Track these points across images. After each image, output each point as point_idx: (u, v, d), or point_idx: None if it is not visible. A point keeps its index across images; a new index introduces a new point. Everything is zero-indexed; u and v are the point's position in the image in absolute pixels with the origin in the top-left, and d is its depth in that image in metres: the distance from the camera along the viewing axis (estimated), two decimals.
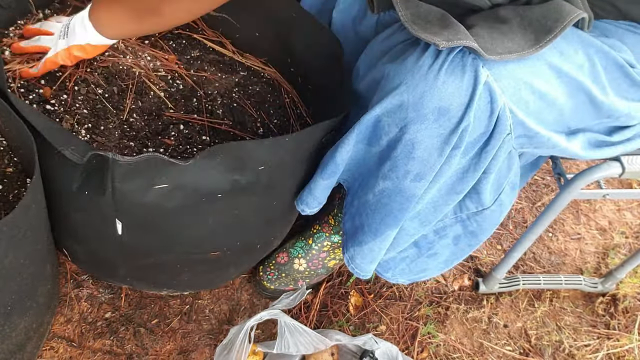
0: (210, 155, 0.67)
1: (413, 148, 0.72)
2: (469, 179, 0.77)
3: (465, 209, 0.84)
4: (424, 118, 0.70)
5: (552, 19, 0.69)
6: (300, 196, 0.87)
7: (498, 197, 0.82)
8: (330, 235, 1.05)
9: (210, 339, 1.04)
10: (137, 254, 0.83)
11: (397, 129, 0.72)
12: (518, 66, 0.70)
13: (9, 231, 0.61)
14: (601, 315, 1.26)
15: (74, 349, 0.96)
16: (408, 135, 0.71)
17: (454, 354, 1.12)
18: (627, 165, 0.86)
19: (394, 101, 0.71)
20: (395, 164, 0.75)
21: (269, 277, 1.08)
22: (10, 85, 0.80)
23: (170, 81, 0.93)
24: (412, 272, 0.95)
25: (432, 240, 0.90)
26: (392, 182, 0.77)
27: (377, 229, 0.83)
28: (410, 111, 0.70)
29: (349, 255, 0.90)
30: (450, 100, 0.68)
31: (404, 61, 0.71)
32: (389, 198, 0.79)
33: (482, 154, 0.74)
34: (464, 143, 0.71)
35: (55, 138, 0.63)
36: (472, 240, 0.89)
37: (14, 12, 0.86)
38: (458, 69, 0.68)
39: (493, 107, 0.69)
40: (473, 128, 0.70)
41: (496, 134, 0.71)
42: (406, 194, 0.77)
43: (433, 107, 0.69)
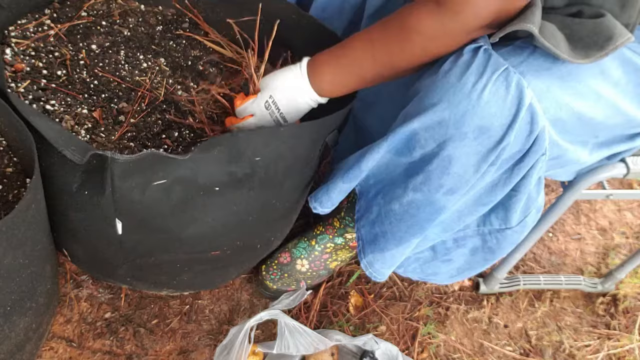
0: (207, 148, 0.67)
1: (450, 164, 0.72)
2: (498, 192, 0.77)
3: (489, 224, 0.84)
4: (463, 136, 0.69)
5: (603, 37, 0.68)
6: (316, 194, 0.87)
7: (524, 219, 0.82)
8: (334, 238, 1.05)
9: (210, 339, 1.03)
10: (137, 253, 0.83)
11: (434, 144, 0.72)
12: (561, 87, 0.70)
13: (9, 231, 0.61)
14: (601, 315, 1.25)
15: (74, 349, 0.96)
16: (446, 151, 0.71)
17: (454, 354, 1.12)
18: (632, 165, 0.86)
19: (435, 117, 0.70)
20: (428, 177, 0.75)
21: (272, 277, 1.08)
22: (10, 85, 0.80)
23: (172, 82, 0.93)
24: (423, 273, 0.95)
25: (450, 247, 0.90)
26: (423, 194, 0.77)
27: (402, 237, 0.84)
28: (450, 128, 0.69)
29: (367, 261, 0.90)
30: (492, 120, 0.68)
31: (446, 75, 0.70)
32: (417, 209, 0.79)
33: (515, 169, 0.73)
34: (500, 160, 0.71)
35: (55, 138, 0.63)
36: (489, 255, 0.89)
37: (14, 12, 0.86)
38: (502, 89, 0.67)
39: (533, 128, 0.69)
40: (511, 147, 0.70)
41: (532, 152, 0.71)
42: (436, 206, 0.77)
43: (474, 126, 0.68)
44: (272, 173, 0.78)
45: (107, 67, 0.89)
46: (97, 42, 0.92)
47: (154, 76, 0.91)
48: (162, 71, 0.93)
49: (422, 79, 0.77)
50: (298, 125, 0.75)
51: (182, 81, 0.93)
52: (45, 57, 0.86)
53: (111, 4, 0.98)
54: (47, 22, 0.90)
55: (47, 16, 0.91)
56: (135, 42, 0.95)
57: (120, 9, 0.98)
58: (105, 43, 0.92)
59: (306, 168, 0.87)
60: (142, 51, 0.94)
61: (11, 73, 0.81)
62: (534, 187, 0.77)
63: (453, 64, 0.70)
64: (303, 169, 0.86)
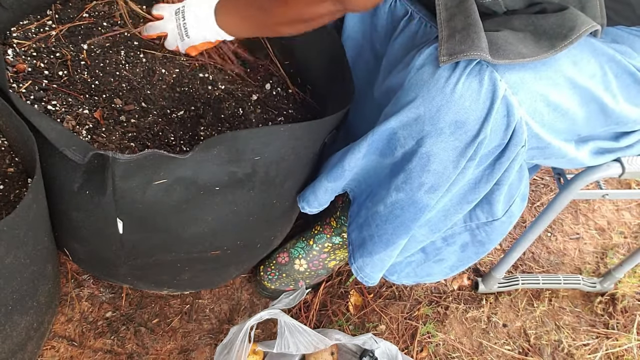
0: (207, 147, 0.68)
1: (429, 161, 0.72)
2: (482, 189, 0.77)
3: (475, 219, 0.84)
4: (440, 132, 0.70)
5: (567, 27, 0.69)
6: (303, 193, 0.87)
7: (509, 208, 0.83)
8: (332, 237, 1.06)
9: (210, 338, 1.04)
10: (137, 253, 0.83)
11: (413, 141, 0.72)
12: (535, 78, 0.70)
13: (10, 231, 0.61)
14: (600, 314, 1.26)
15: (75, 349, 0.96)
16: (424, 148, 0.72)
17: (453, 353, 1.13)
18: (627, 165, 0.86)
19: (410, 114, 0.71)
20: (409, 176, 0.75)
21: (270, 277, 1.08)
22: (12, 86, 0.80)
23: (172, 82, 0.93)
24: (417, 276, 0.95)
25: (440, 247, 0.90)
26: (406, 194, 0.77)
27: (389, 240, 0.84)
28: (426, 125, 0.70)
29: (358, 265, 0.91)
30: (467, 114, 0.68)
31: (418, 72, 0.71)
32: (401, 209, 0.79)
33: (496, 165, 0.74)
34: (479, 155, 0.71)
35: (56, 138, 0.63)
36: (480, 248, 0.90)
37: (16, 13, 0.87)
38: (475, 83, 0.68)
39: (510, 121, 0.69)
40: (489, 141, 0.70)
41: (511, 146, 0.71)
42: (419, 205, 0.77)
43: (450, 121, 0.69)
44: (273, 173, 0.78)
45: (107, 68, 0.89)
46: (98, 43, 0.92)
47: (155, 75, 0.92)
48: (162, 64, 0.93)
49: (392, 75, 0.78)
50: (298, 125, 0.75)
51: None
52: (46, 57, 0.86)
53: (112, 5, 0.98)
54: (48, 23, 0.90)
55: (49, 17, 0.91)
56: (135, 42, 0.95)
57: (121, 10, 0.99)
58: (106, 43, 0.92)
59: (306, 168, 0.87)
60: (142, 50, 0.94)
61: (13, 73, 0.82)
62: (515, 176, 0.78)
63: (425, 59, 0.71)
64: (303, 168, 0.86)
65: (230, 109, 0.94)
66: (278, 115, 0.97)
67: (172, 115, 0.89)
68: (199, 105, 0.92)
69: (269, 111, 0.96)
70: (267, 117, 0.95)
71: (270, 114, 0.96)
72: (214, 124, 0.91)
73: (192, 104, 0.92)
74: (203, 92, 0.94)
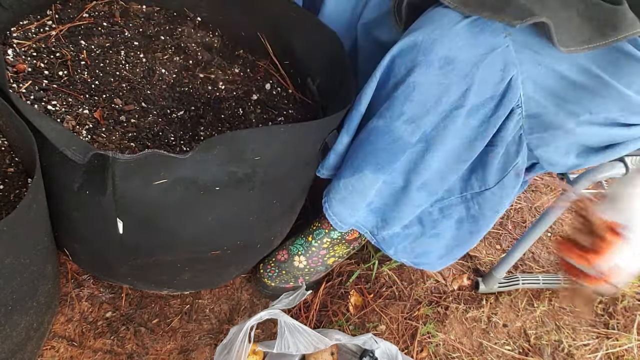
0: (208, 147, 0.68)
1: (413, 90, 0.73)
2: (477, 147, 0.77)
3: (470, 188, 0.85)
4: (429, 63, 0.70)
5: (611, 25, 0.68)
6: (326, 160, 0.88)
7: (502, 179, 0.83)
8: (330, 232, 1.06)
9: (210, 338, 1.04)
10: (138, 253, 0.83)
11: (405, 70, 0.73)
12: (543, 47, 0.69)
13: (10, 231, 0.61)
14: (600, 314, 1.26)
15: (75, 349, 0.96)
16: (411, 77, 0.72)
17: (453, 353, 1.13)
18: (631, 165, 0.86)
19: (409, 41, 0.72)
20: (392, 104, 0.76)
21: (270, 275, 1.08)
22: (12, 86, 0.80)
23: (172, 82, 0.93)
24: (413, 252, 0.95)
25: (436, 218, 0.90)
26: (385, 121, 0.78)
27: (357, 166, 0.84)
28: (420, 54, 0.71)
29: (327, 189, 0.91)
30: (458, 53, 0.69)
31: (432, 9, 0.72)
32: (376, 136, 0.80)
33: (490, 121, 0.74)
34: (469, 102, 0.71)
35: (56, 138, 0.63)
36: (474, 226, 0.90)
37: (16, 13, 0.87)
38: (477, 29, 0.68)
39: (504, 75, 0.69)
40: (478, 89, 0.70)
41: (505, 101, 0.71)
42: (394, 134, 0.78)
43: (441, 55, 0.69)
44: (273, 173, 0.78)
45: (107, 68, 0.89)
46: (98, 43, 0.92)
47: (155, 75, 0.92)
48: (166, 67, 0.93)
49: None
50: (298, 125, 0.75)
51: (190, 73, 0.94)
52: (46, 57, 0.86)
53: (112, 5, 0.98)
54: (48, 23, 0.90)
55: (49, 17, 0.91)
56: (136, 42, 0.95)
57: (121, 10, 0.99)
58: (106, 43, 0.92)
59: (306, 168, 0.87)
60: (142, 50, 0.94)
61: (13, 74, 0.82)
62: (511, 141, 0.77)
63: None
64: (303, 168, 0.86)
65: (230, 109, 0.94)
66: (278, 115, 0.97)
67: (172, 116, 0.89)
68: (199, 105, 0.92)
69: (269, 111, 0.96)
70: (267, 117, 0.95)
71: (270, 114, 0.96)
72: (214, 124, 0.91)
73: (192, 104, 0.92)
74: (203, 92, 0.94)
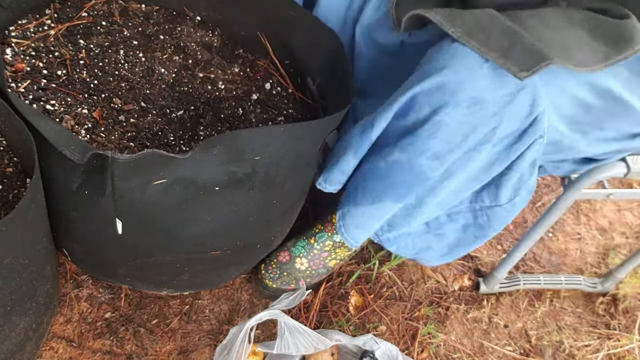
0: (207, 147, 0.67)
1: (439, 129, 0.73)
2: (494, 170, 0.78)
3: (480, 201, 0.85)
4: (457, 104, 0.70)
5: (623, 39, 0.68)
6: (327, 175, 0.87)
7: (514, 198, 0.83)
8: (333, 235, 1.05)
9: (210, 339, 1.03)
10: (137, 253, 0.83)
11: (429, 109, 0.73)
12: (569, 74, 0.70)
13: (9, 231, 0.61)
14: (601, 315, 1.25)
15: (74, 349, 0.96)
16: (437, 117, 0.72)
17: (454, 354, 1.12)
18: (632, 165, 0.86)
19: (434, 82, 0.71)
20: (416, 140, 0.76)
21: (271, 276, 1.08)
22: (10, 85, 0.80)
23: (171, 81, 0.93)
24: (415, 248, 0.95)
25: (443, 221, 0.91)
26: (408, 155, 0.77)
27: (377, 196, 0.84)
28: (446, 94, 0.70)
29: (342, 212, 0.91)
30: (487, 93, 0.68)
31: (450, 45, 0.71)
32: (399, 170, 0.80)
33: (512, 148, 0.74)
34: (495, 138, 0.72)
35: (55, 138, 0.63)
36: (479, 232, 0.90)
37: (15, 12, 0.86)
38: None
39: (532, 110, 0.69)
40: (506, 126, 0.71)
41: (530, 133, 0.72)
42: (416, 170, 0.78)
43: (469, 96, 0.69)
44: (273, 173, 0.78)
45: (107, 67, 0.89)
46: (97, 42, 0.92)
47: (155, 74, 0.92)
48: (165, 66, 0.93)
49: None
50: (298, 125, 0.75)
51: (190, 73, 0.93)
52: (45, 57, 0.86)
53: (112, 5, 0.98)
54: (47, 22, 0.90)
55: (48, 16, 0.91)
56: (135, 41, 0.95)
57: (120, 9, 0.98)
58: (105, 43, 0.92)
59: (306, 168, 0.87)
60: (141, 50, 0.94)
61: (11, 73, 0.81)
62: (527, 167, 0.78)
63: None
64: (303, 168, 0.86)
65: (230, 109, 0.94)
66: (278, 115, 0.96)
67: (171, 115, 0.88)
68: (199, 105, 0.92)
69: (269, 111, 0.96)
70: (267, 117, 0.95)
71: (270, 114, 0.96)
72: (213, 123, 0.90)
73: (192, 104, 0.91)
74: (203, 91, 0.94)
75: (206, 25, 1.05)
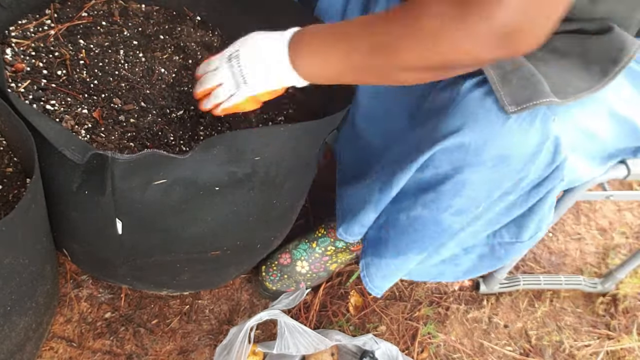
0: (207, 147, 0.67)
1: (463, 187, 0.71)
2: (514, 213, 0.77)
3: (499, 237, 0.84)
4: (481, 163, 0.68)
5: (615, 49, 0.67)
6: (348, 227, 0.88)
7: (535, 234, 0.82)
8: (335, 241, 1.05)
9: (210, 339, 1.03)
10: (137, 253, 0.82)
11: (449, 167, 0.70)
12: (582, 111, 0.69)
13: (9, 231, 0.61)
14: (601, 315, 1.25)
15: (74, 349, 0.96)
16: (461, 176, 0.70)
17: (454, 354, 1.12)
18: (632, 167, 0.86)
19: (455, 142, 0.68)
20: (439, 197, 0.74)
21: (272, 278, 1.07)
22: (10, 85, 0.80)
23: (171, 81, 0.93)
24: (429, 274, 0.95)
25: (459, 254, 0.90)
26: (431, 212, 0.76)
27: (401, 250, 0.84)
28: (469, 155, 0.68)
29: (365, 262, 0.91)
30: (513, 150, 0.66)
31: (467, 96, 0.67)
32: (423, 226, 0.79)
33: (532, 193, 0.73)
34: (520, 189, 0.71)
35: (55, 138, 0.63)
36: (496, 262, 0.90)
37: (15, 12, 0.86)
38: (527, 120, 0.65)
39: (555, 158, 0.68)
40: (532, 176, 0.69)
41: (551, 179, 0.71)
42: (442, 225, 0.77)
43: (494, 155, 0.67)
44: (273, 173, 0.78)
45: (106, 67, 0.89)
46: (97, 42, 0.92)
47: (155, 74, 0.92)
48: (165, 66, 0.93)
49: (438, 89, 0.74)
50: (298, 125, 0.75)
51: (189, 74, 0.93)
52: (45, 57, 0.85)
53: (112, 4, 0.98)
54: (47, 22, 0.90)
55: (48, 16, 0.91)
56: (135, 41, 0.95)
57: (120, 9, 0.98)
58: (105, 43, 0.92)
59: (306, 168, 0.87)
60: (141, 50, 0.94)
61: (11, 73, 0.81)
62: (547, 208, 0.77)
63: (472, 86, 0.67)
64: (303, 168, 0.86)
65: None
66: (278, 115, 0.96)
67: (171, 115, 0.88)
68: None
69: (269, 111, 0.96)
70: (267, 117, 0.95)
71: (270, 114, 0.96)
72: (213, 123, 0.90)
73: (192, 104, 0.91)
74: None
75: (206, 25, 1.05)
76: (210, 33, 1.04)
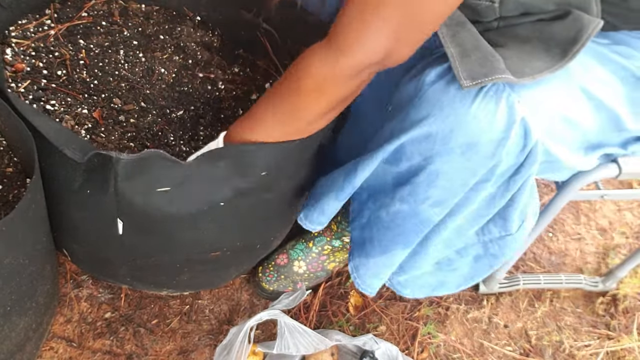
0: (212, 160, 0.67)
1: (437, 177, 0.71)
2: (496, 205, 0.77)
3: (488, 233, 0.84)
4: (450, 151, 0.68)
5: (574, 30, 0.68)
6: (308, 215, 0.87)
7: (522, 224, 0.82)
8: (332, 240, 1.05)
9: (210, 339, 1.03)
10: (137, 254, 0.82)
11: (420, 157, 0.71)
12: (551, 94, 0.69)
13: (9, 231, 0.61)
14: (601, 315, 1.25)
15: (74, 349, 0.96)
16: (433, 166, 0.70)
17: (454, 354, 1.12)
18: (623, 166, 0.86)
19: (421, 132, 0.69)
20: (415, 190, 0.74)
21: (268, 279, 1.07)
22: (10, 85, 0.80)
23: (171, 81, 0.93)
24: (430, 286, 0.94)
25: (453, 258, 0.90)
26: (410, 205, 0.76)
27: (387, 246, 0.84)
28: (437, 144, 0.68)
29: (354, 264, 0.90)
30: (480, 136, 0.66)
31: (430, 88, 0.68)
32: (403, 220, 0.79)
33: (510, 182, 0.73)
34: (495, 176, 0.71)
35: (55, 137, 0.63)
36: (493, 261, 0.89)
37: (15, 12, 0.86)
38: (492, 104, 0.66)
39: (526, 142, 0.68)
40: (505, 163, 0.69)
41: (527, 164, 0.70)
42: (421, 217, 0.77)
43: (461, 142, 0.67)
44: (272, 175, 0.78)
45: (107, 67, 0.89)
46: (97, 42, 0.92)
47: (155, 74, 0.92)
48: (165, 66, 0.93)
49: (406, 80, 0.75)
50: (307, 137, 0.75)
51: (188, 73, 0.93)
52: (45, 57, 0.86)
53: (112, 4, 0.98)
54: (47, 22, 0.90)
55: (48, 16, 0.91)
56: (135, 41, 0.95)
57: (120, 9, 0.98)
58: (105, 43, 0.92)
59: (304, 168, 0.87)
60: (141, 50, 0.94)
61: (11, 73, 0.81)
62: (528, 195, 0.77)
63: (437, 76, 0.68)
64: (303, 170, 0.86)
65: (230, 109, 0.94)
66: None
67: (171, 115, 0.88)
68: (199, 105, 0.92)
69: None
70: None
71: None
72: (213, 123, 0.90)
73: (192, 104, 0.91)
74: (203, 91, 0.94)
75: (206, 25, 1.05)
76: (210, 33, 1.04)
